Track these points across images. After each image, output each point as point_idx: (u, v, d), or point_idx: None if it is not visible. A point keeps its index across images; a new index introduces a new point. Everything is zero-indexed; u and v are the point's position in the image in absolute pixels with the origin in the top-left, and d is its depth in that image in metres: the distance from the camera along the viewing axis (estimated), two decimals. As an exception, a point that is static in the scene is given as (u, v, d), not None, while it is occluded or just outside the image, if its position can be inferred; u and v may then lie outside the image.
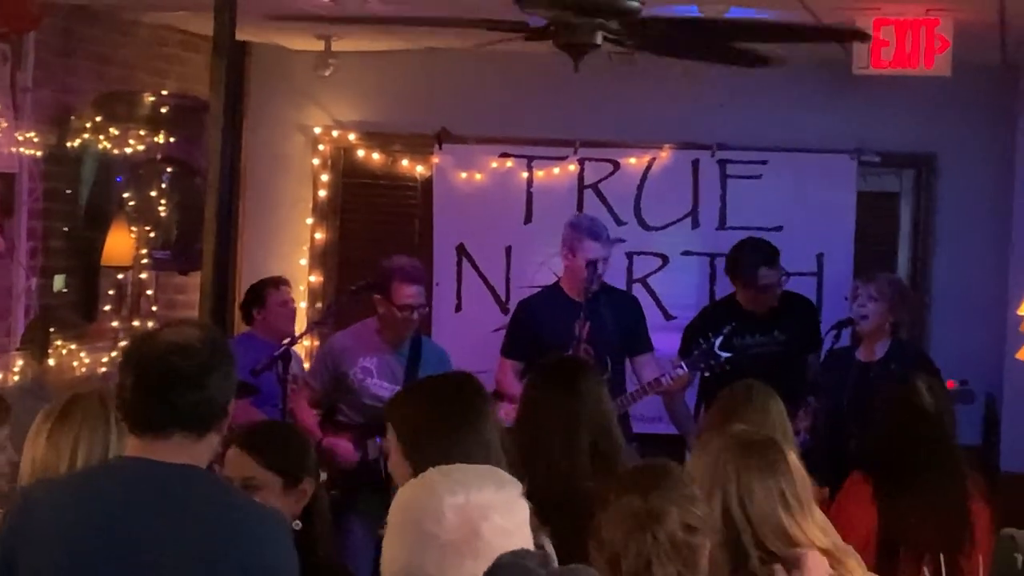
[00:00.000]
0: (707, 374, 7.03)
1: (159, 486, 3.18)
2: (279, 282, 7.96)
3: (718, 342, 6.84)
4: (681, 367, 6.96)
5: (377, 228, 9.46)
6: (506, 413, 6.95)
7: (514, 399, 7.15)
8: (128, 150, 7.78)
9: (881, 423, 5.24)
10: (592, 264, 7.04)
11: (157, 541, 3.10)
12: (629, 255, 8.84)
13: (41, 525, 3.18)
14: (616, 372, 7.06)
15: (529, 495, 3.49)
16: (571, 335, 6.96)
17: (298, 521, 3.91)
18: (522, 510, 2.39)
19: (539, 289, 7.90)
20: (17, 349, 6.75)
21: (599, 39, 5.06)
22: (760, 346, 7.37)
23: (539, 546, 2.34)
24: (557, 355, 6.14)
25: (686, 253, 8.89)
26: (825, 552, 3.55)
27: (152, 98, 8.01)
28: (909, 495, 4.98)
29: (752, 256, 7.55)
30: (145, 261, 7.96)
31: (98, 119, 7.72)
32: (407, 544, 2.33)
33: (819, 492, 4.43)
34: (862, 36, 6.45)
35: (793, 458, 3.65)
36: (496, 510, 2.34)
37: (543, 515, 3.45)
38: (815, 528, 3.58)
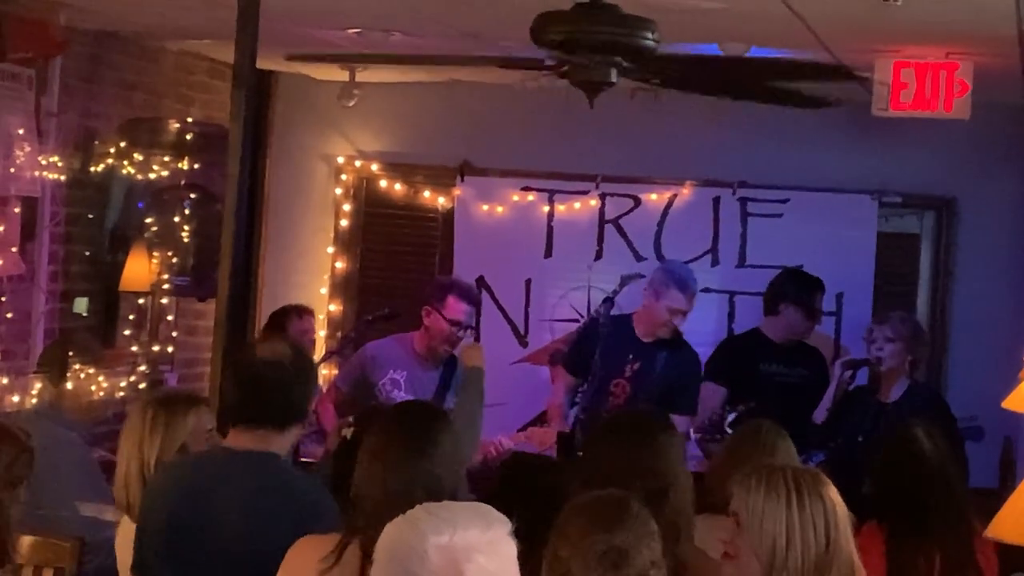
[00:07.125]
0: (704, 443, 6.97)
1: (237, 466, 4.01)
2: (303, 311, 7.91)
3: (731, 418, 6.75)
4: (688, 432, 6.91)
5: (398, 258, 9.49)
6: (530, 435, 6.99)
7: (553, 410, 7.19)
8: (151, 176, 7.83)
9: (881, 471, 5.19)
10: (669, 312, 7.03)
11: (227, 505, 3.94)
12: (649, 291, 8.85)
13: (151, 498, 4.13)
14: None
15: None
16: (619, 370, 7.01)
17: None
18: (508, 549, 2.38)
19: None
20: (35, 372, 6.74)
21: (614, 76, 5.08)
22: (784, 376, 7.39)
23: None
24: (626, 411, 6.19)
25: (705, 290, 8.80)
26: None
27: (176, 125, 8.06)
28: (916, 543, 4.89)
29: (810, 281, 7.60)
30: (165, 287, 8.00)
31: (122, 144, 7.77)
32: None
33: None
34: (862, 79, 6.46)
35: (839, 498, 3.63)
36: (480, 551, 2.33)
37: None
38: None
